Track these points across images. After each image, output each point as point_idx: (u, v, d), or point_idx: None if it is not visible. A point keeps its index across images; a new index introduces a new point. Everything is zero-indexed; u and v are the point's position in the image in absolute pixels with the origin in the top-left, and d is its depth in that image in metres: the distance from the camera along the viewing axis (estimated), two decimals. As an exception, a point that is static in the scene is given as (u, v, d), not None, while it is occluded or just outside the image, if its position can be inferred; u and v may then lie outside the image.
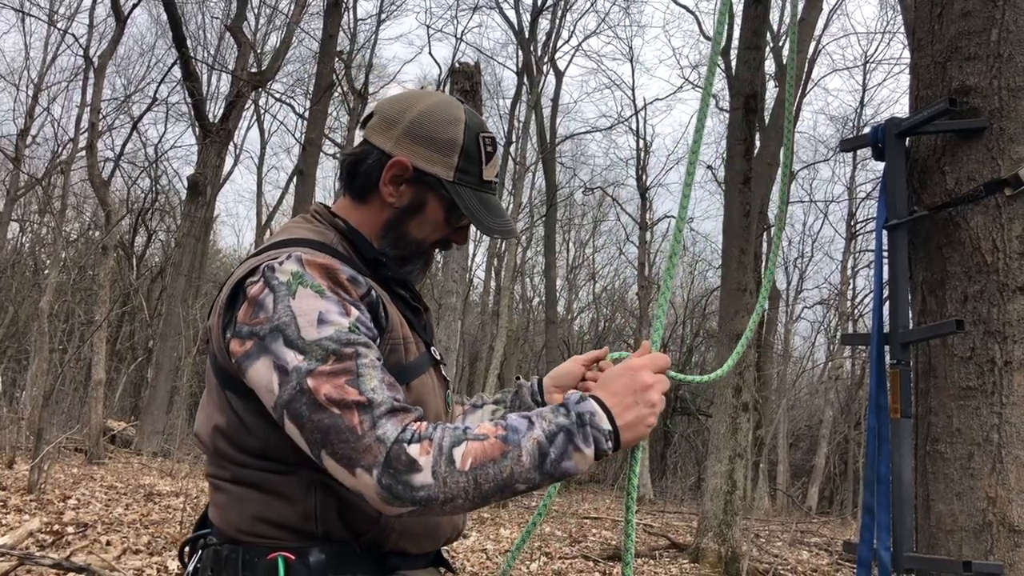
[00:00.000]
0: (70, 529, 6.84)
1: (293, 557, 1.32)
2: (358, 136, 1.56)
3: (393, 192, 1.49)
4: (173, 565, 6.02)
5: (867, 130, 2.23)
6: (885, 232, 2.12)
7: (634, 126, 35.25)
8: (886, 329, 2.09)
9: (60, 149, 21.03)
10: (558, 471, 1.26)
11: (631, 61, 43.86)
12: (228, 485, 1.40)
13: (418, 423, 1.26)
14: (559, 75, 24.00)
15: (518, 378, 1.77)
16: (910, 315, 2.12)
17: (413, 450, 1.20)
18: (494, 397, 1.79)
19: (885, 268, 2.13)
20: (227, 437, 1.39)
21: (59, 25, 19.85)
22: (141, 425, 16.85)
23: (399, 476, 1.19)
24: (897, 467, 1.99)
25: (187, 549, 1.51)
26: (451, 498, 1.21)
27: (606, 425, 1.29)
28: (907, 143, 2.17)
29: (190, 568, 1.46)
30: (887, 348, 2.08)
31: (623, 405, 1.32)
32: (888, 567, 1.95)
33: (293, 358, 1.25)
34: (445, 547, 1.57)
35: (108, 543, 6.52)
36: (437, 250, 1.59)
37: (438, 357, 1.54)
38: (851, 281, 23.89)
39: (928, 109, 2.07)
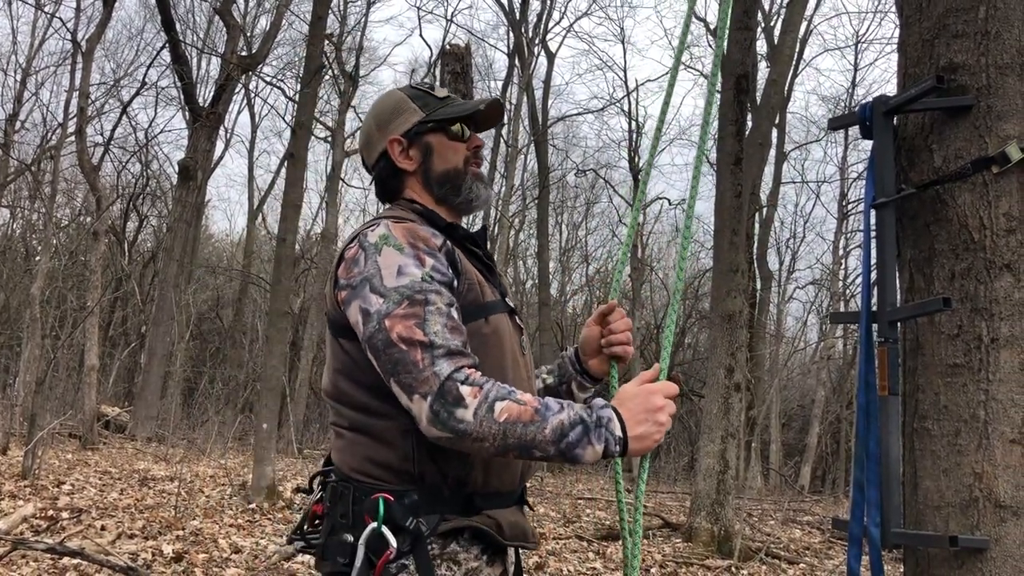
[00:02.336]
0: (64, 514, 6.86)
1: (392, 498, 1.55)
2: (349, 122, 1.78)
3: (408, 160, 1.80)
4: (168, 549, 6.04)
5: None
6: (873, 211, 2.12)
7: (626, 107, 35.08)
8: (875, 307, 2.10)
9: (49, 134, 20.94)
10: (570, 454, 1.47)
11: (623, 42, 43.85)
12: (346, 432, 1.66)
13: (471, 369, 1.51)
14: (551, 56, 23.93)
15: (562, 350, 2.03)
16: (898, 293, 2.13)
17: (464, 390, 1.45)
18: (547, 369, 2.02)
19: (873, 247, 2.13)
20: (345, 375, 1.65)
21: (46, 9, 19.68)
22: (135, 410, 16.85)
23: (447, 406, 1.44)
24: (885, 444, 2.00)
25: (315, 481, 1.75)
26: (481, 438, 1.44)
27: (619, 432, 1.50)
28: (895, 121, 2.17)
29: (315, 497, 1.71)
30: (876, 326, 2.08)
31: (636, 420, 1.53)
32: (877, 543, 1.97)
33: (375, 301, 1.54)
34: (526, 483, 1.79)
35: (103, 528, 6.54)
36: (477, 165, 1.83)
37: (512, 306, 1.80)
38: (843, 261, 23.95)
39: (915, 87, 2.07)
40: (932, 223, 2.06)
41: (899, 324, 2.08)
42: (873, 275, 2.13)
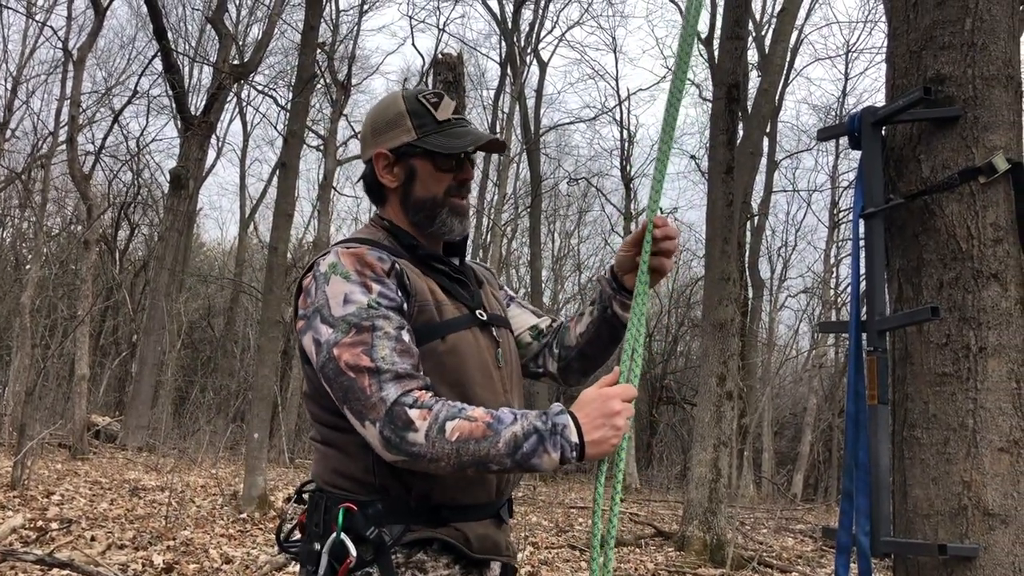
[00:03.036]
0: (54, 525, 6.82)
1: (356, 508, 1.59)
2: (341, 131, 1.79)
3: (390, 177, 1.79)
4: (159, 560, 6.01)
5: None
6: (862, 221, 2.13)
7: (618, 116, 35.30)
8: (864, 317, 2.11)
9: (40, 143, 20.88)
10: (527, 464, 1.50)
11: (614, 51, 43.89)
12: (319, 445, 1.72)
13: (422, 392, 1.53)
14: (543, 65, 23.97)
15: (599, 279, 1.96)
16: (887, 302, 2.14)
17: (413, 413, 1.49)
18: (590, 300, 1.98)
19: (863, 256, 2.14)
20: (312, 399, 1.72)
21: (37, 17, 19.67)
22: (126, 420, 16.77)
23: (398, 431, 1.48)
24: (874, 453, 2.01)
25: (303, 492, 1.79)
26: (436, 459, 1.48)
27: (574, 439, 1.51)
28: (883, 132, 2.18)
29: (303, 507, 1.75)
30: (865, 336, 2.09)
31: (593, 425, 1.53)
32: (867, 551, 1.98)
33: (325, 332, 1.58)
34: (508, 498, 1.79)
35: (93, 539, 6.51)
36: (459, 198, 1.80)
37: (484, 318, 1.78)
38: (834, 269, 24.02)
39: (903, 98, 2.09)
40: (920, 233, 2.08)
41: (888, 333, 2.09)
42: (863, 285, 2.14)
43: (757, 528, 12.14)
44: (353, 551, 1.55)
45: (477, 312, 1.78)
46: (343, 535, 1.56)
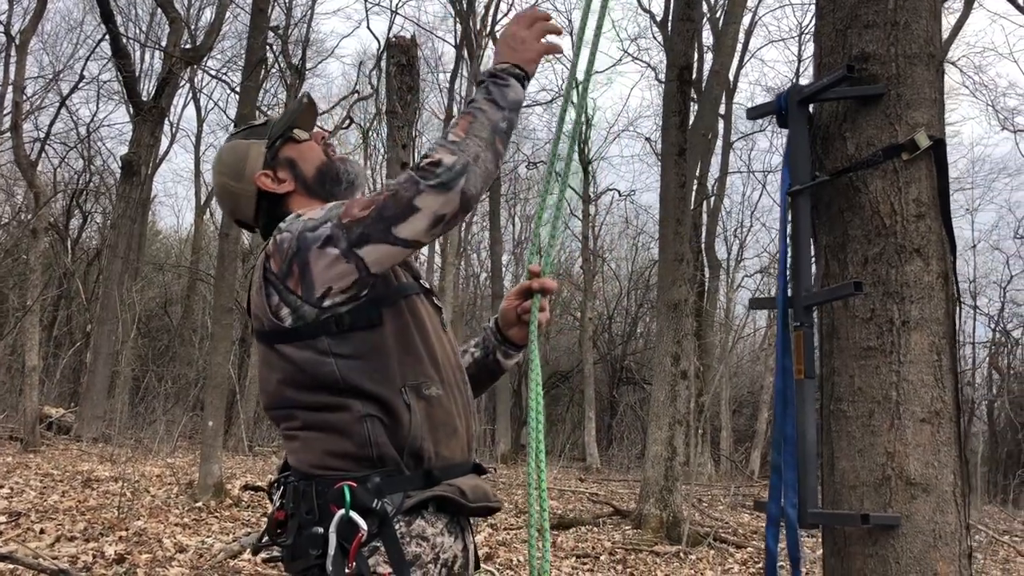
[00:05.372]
0: (1, 518, 6.71)
1: (355, 484, 1.58)
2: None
3: (282, 182, 1.85)
4: (110, 550, 5.94)
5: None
6: (789, 198, 2.16)
7: (575, 99, 35.17)
8: (791, 293, 2.14)
9: (-16, 130, 20.35)
10: (509, 101, 1.68)
11: (570, 34, 43.74)
12: (300, 432, 1.68)
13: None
14: (499, 48, 23.82)
15: (485, 328, 2.08)
16: (814, 278, 2.17)
17: (427, 160, 1.57)
18: (474, 342, 2.09)
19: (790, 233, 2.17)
20: (289, 383, 1.67)
21: (-21, 1, 19.14)
22: (80, 411, 16.50)
23: (437, 174, 1.55)
24: (802, 427, 2.04)
25: (274, 488, 1.76)
26: (475, 155, 1.58)
27: (507, 64, 1.73)
28: (811, 110, 2.21)
29: (276, 503, 1.72)
30: (792, 311, 2.12)
31: (511, 51, 1.75)
32: (795, 523, 2.01)
33: (324, 228, 1.59)
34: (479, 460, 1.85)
35: (42, 531, 6.41)
36: (333, 150, 1.93)
37: (427, 286, 1.84)
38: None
39: (828, 76, 2.11)
40: (846, 209, 2.11)
41: (815, 309, 2.12)
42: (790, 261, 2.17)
43: (714, 505, 12.30)
44: (364, 525, 1.55)
45: (421, 280, 1.83)
46: (352, 511, 1.56)
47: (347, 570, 1.54)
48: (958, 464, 1.99)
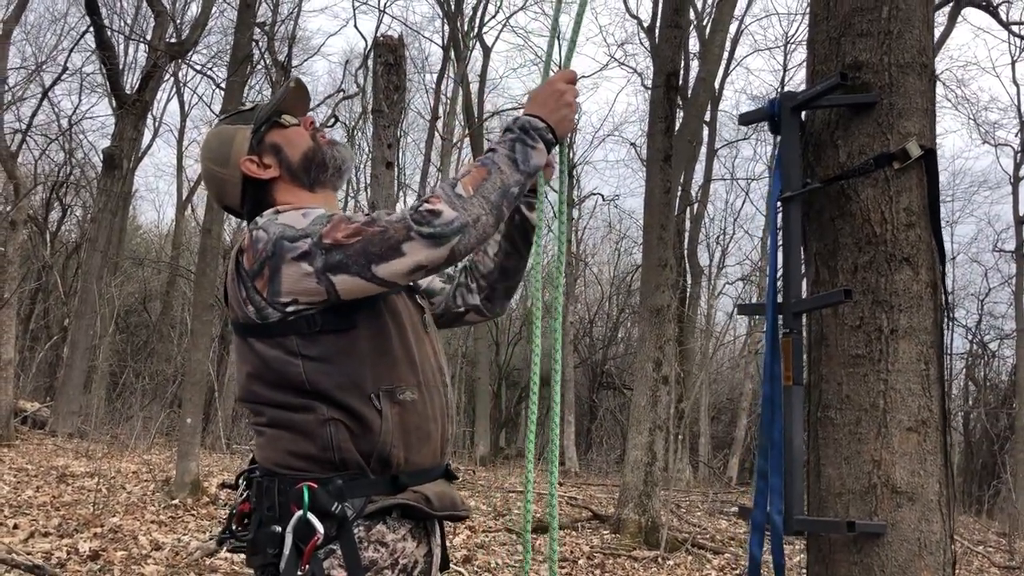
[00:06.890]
0: (-25, 513, 6.62)
1: (316, 486, 1.57)
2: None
3: (267, 168, 1.82)
4: (85, 547, 5.88)
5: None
6: (780, 204, 2.16)
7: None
8: (781, 299, 2.14)
9: (-36, 120, 20.09)
10: (530, 165, 1.65)
11: (558, 38, 43.73)
12: (266, 429, 1.67)
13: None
14: (486, 50, 23.86)
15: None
16: (804, 285, 2.17)
17: (427, 206, 1.52)
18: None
19: (781, 240, 2.17)
20: (257, 377, 1.66)
21: (-39, -11, 18.91)
22: (56, 406, 16.33)
23: (433, 224, 1.51)
24: (789, 433, 2.04)
25: (241, 480, 1.76)
26: (476, 217, 1.54)
27: (542, 125, 1.68)
28: (803, 117, 2.21)
29: (242, 495, 1.72)
30: (782, 318, 2.12)
31: (549, 109, 1.71)
32: (780, 530, 2.01)
33: (303, 243, 1.56)
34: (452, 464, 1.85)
35: (15, 527, 6.34)
36: (323, 135, 1.89)
37: (411, 284, 1.78)
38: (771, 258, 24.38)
39: (821, 83, 2.12)
40: (837, 217, 2.11)
41: (804, 316, 2.12)
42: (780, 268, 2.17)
43: (692, 511, 12.33)
44: (320, 528, 1.54)
45: None
46: (309, 513, 1.55)
47: (299, 572, 1.54)
48: (944, 473, 2.00)
